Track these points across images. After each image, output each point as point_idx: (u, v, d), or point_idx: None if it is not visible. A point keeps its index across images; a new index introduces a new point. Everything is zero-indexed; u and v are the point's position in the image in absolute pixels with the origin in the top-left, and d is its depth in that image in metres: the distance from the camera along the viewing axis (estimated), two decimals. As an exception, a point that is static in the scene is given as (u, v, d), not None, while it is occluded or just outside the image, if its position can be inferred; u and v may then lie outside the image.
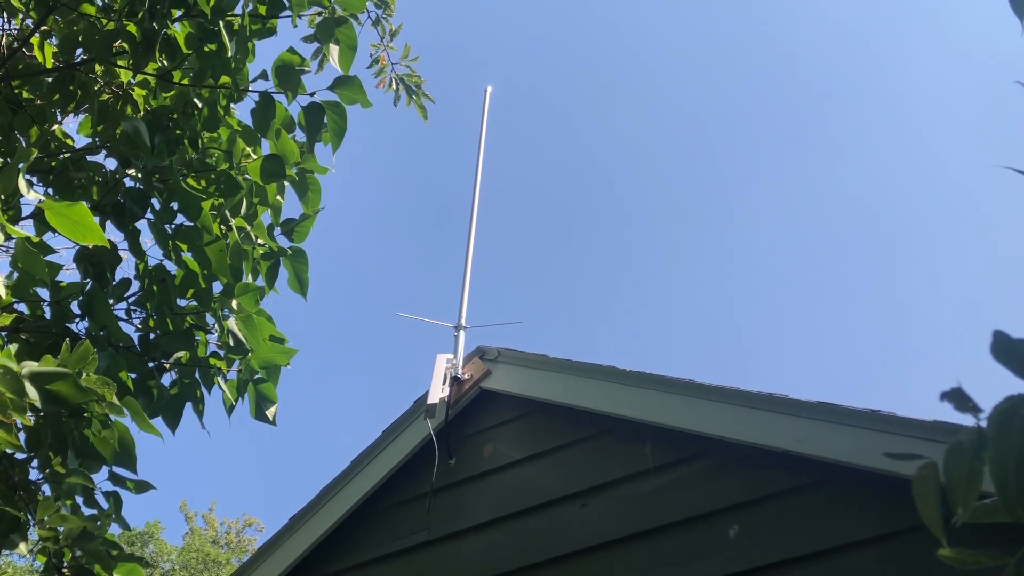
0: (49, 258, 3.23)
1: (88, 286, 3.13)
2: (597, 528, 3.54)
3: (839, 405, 3.16)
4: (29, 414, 2.00)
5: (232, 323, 3.44)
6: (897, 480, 2.90)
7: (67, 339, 2.48)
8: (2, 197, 2.35)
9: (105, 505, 2.96)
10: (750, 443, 3.29)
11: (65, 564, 2.41)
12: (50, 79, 3.59)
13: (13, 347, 2.69)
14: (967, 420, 1.19)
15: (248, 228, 3.51)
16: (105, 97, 3.59)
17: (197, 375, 3.46)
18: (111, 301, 3.26)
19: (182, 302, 3.48)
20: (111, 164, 3.52)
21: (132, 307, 3.43)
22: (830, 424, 3.14)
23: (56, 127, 3.70)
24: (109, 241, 3.23)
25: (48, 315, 3.22)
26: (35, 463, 2.64)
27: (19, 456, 2.57)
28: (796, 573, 3.02)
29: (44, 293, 3.41)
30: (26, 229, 2.88)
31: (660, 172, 32.75)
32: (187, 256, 3.41)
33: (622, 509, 3.53)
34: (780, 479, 3.20)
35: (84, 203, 2.27)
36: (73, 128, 3.89)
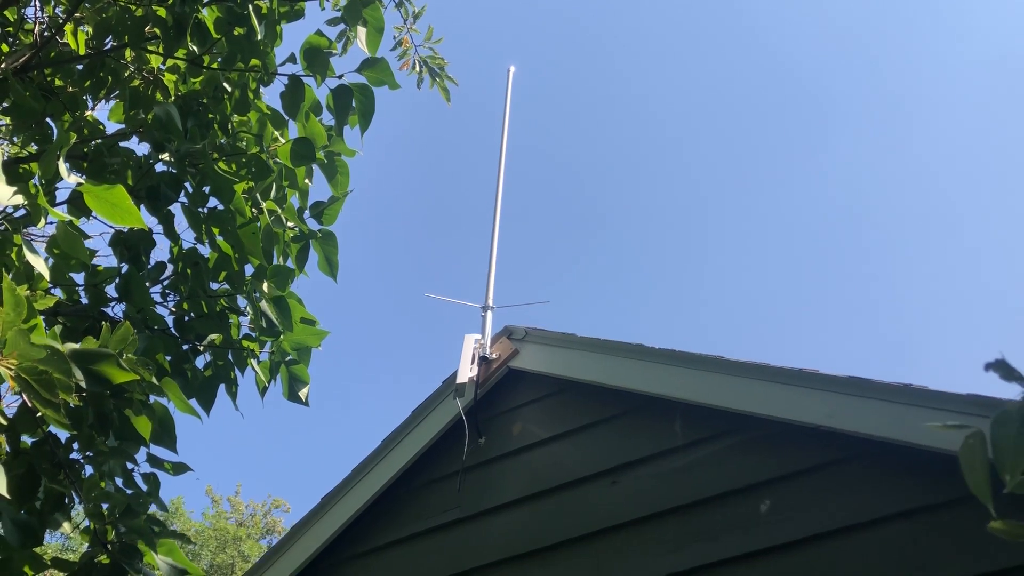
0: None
1: (125, 269, 3.18)
2: (627, 505, 3.55)
3: (870, 379, 3.15)
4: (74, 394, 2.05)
5: (264, 305, 3.48)
6: (929, 454, 2.90)
7: (105, 322, 2.53)
8: (43, 181, 2.39)
9: (144, 487, 3.02)
10: (781, 419, 3.29)
11: (108, 542, 2.47)
12: (81, 67, 3.63)
13: (58, 328, 2.74)
14: (1004, 393, 1.19)
15: (279, 211, 3.54)
16: (136, 83, 3.63)
17: (230, 356, 3.51)
18: (147, 284, 3.30)
19: (215, 285, 3.52)
20: (143, 150, 3.57)
21: (167, 290, 3.48)
22: (862, 399, 3.13)
23: (88, 114, 3.75)
24: (143, 228, 3.26)
25: (84, 300, 3.28)
26: (75, 444, 2.69)
27: (62, 437, 2.62)
28: (828, 548, 3.02)
29: (79, 279, 3.46)
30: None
31: (688, 150, 32.45)
32: (220, 240, 3.44)
33: (652, 486, 3.54)
34: (811, 454, 3.20)
35: (122, 186, 2.30)
36: (104, 115, 3.94)
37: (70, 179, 2.40)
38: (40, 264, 2.26)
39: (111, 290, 3.28)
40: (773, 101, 30.54)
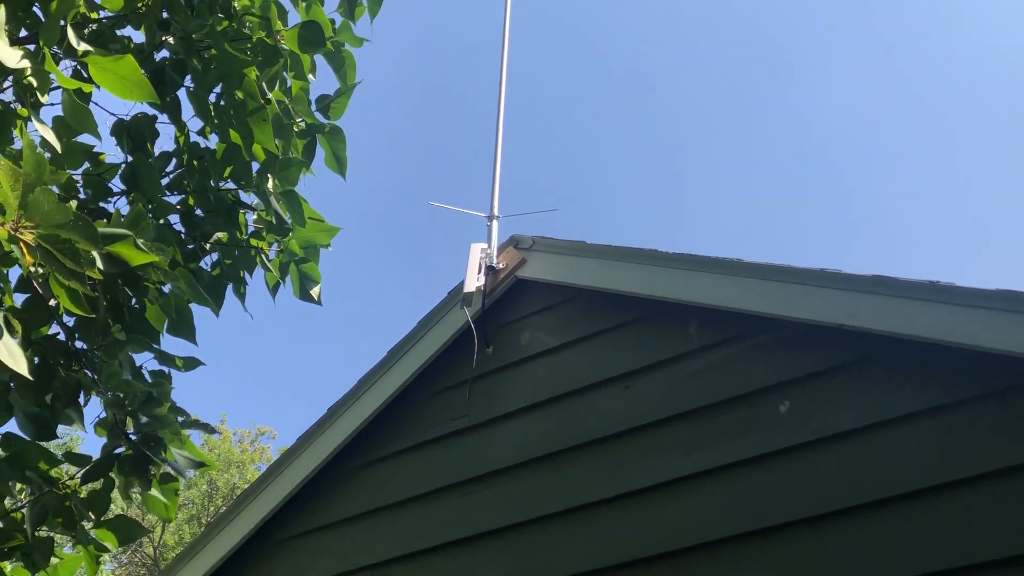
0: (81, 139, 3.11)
1: (132, 158, 3.03)
2: (641, 409, 3.52)
3: (895, 277, 3.10)
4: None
5: (273, 201, 3.34)
6: (954, 350, 2.87)
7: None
8: (46, 51, 2.22)
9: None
10: (801, 319, 3.24)
11: (130, 432, 2.39)
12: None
13: (73, 203, 2.61)
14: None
15: (287, 101, 3.38)
16: (133, -39, 3.42)
17: (237, 254, 3.38)
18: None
19: (222, 183, 3.38)
20: (138, 39, 3.37)
21: (171, 185, 3.33)
22: (885, 296, 3.09)
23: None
24: (146, 115, 3.11)
25: (83, 196, 3.13)
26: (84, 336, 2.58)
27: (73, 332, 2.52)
28: (850, 447, 3.00)
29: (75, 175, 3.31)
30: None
31: (704, 51, 31.30)
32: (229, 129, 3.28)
33: (667, 390, 3.50)
34: (833, 354, 3.16)
35: (132, 57, 2.15)
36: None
37: (79, 47, 2.24)
38: (50, 135, 2.12)
39: (114, 184, 3.13)
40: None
